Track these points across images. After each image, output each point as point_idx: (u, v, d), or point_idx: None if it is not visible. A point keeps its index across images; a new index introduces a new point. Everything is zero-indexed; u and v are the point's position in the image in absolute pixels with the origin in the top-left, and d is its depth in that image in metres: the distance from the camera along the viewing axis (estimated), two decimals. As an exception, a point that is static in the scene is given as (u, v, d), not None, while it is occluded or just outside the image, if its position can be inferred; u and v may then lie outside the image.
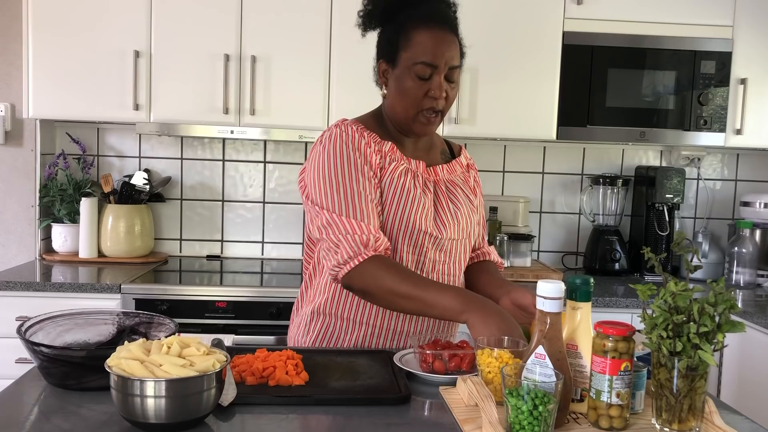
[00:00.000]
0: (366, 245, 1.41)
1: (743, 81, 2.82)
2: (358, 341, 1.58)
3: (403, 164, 1.55)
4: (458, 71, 1.54)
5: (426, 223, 1.53)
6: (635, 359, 1.12)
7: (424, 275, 1.55)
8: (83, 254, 2.88)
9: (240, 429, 1.10)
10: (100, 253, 2.92)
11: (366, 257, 1.41)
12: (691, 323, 1.04)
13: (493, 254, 1.78)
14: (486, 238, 1.79)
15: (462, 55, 1.57)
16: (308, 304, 1.64)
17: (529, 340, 1.33)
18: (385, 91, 1.57)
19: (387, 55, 1.54)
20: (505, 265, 2.88)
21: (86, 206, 2.86)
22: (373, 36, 1.59)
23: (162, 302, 2.46)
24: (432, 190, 1.58)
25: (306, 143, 3.11)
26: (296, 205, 3.14)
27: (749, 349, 2.40)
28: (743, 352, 2.42)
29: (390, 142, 1.56)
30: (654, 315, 1.08)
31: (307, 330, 1.62)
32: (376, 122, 1.61)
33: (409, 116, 1.53)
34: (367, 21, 1.57)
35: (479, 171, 3.26)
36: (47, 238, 3.01)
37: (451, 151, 1.73)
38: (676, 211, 3.04)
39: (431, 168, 1.61)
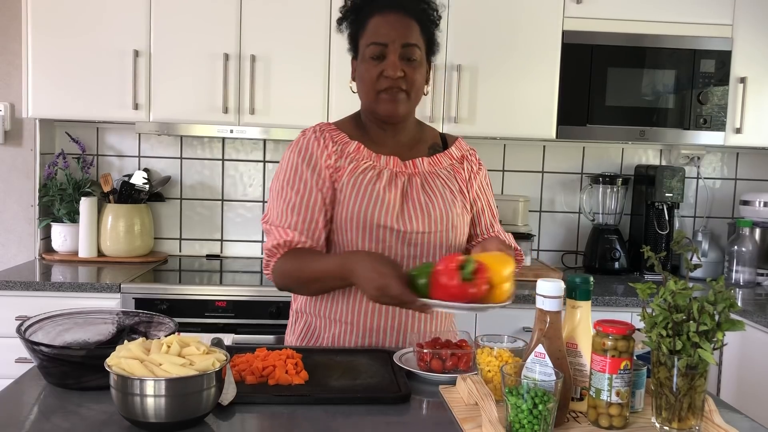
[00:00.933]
0: (278, 247, 1.51)
1: (743, 80, 2.82)
2: (337, 339, 1.58)
3: (365, 162, 1.56)
4: (417, 51, 1.53)
5: (387, 218, 1.52)
6: (635, 358, 1.12)
7: None
8: (83, 254, 2.88)
9: (240, 428, 1.10)
10: (100, 253, 2.92)
11: (277, 258, 1.51)
12: (691, 322, 1.04)
13: (506, 238, 1.69)
14: (491, 223, 1.71)
15: (431, 41, 1.58)
16: (294, 303, 1.69)
17: (415, 281, 1.31)
18: (353, 84, 1.62)
19: (353, 48, 1.60)
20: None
21: (86, 206, 2.86)
22: None
23: (162, 301, 2.45)
24: (401, 185, 1.57)
25: (305, 142, 3.11)
26: (296, 204, 3.14)
27: (749, 347, 2.40)
28: (743, 350, 2.43)
29: (356, 142, 1.58)
30: (654, 314, 1.08)
31: (293, 330, 1.67)
32: (353, 122, 1.64)
33: (371, 99, 1.55)
34: (341, 21, 1.61)
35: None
36: (47, 237, 3.00)
37: (445, 144, 1.71)
38: (675, 210, 3.04)
39: (410, 162, 1.60)
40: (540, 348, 1.06)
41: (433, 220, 1.57)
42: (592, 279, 1.15)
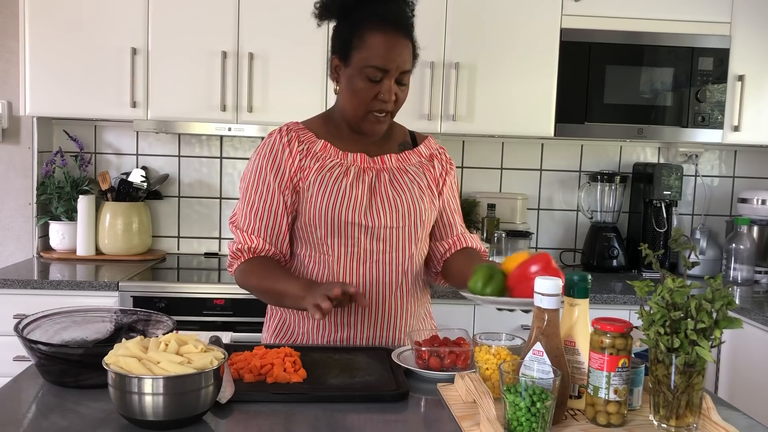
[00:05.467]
0: (241, 251, 1.57)
1: (741, 77, 2.82)
2: (310, 334, 1.60)
3: (332, 160, 1.58)
4: (409, 75, 1.56)
5: (354, 214, 1.54)
6: (633, 356, 1.12)
7: (360, 266, 1.57)
8: (81, 252, 2.88)
9: (238, 426, 1.10)
10: (98, 251, 2.92)
11: (241, 261, 1.57)
12: (689, 319, 1.04)
13: (473, 241, 1.74)
14: (461, 226, 1.75)
15: (415, 57, 1.58)
16: None
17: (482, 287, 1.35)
18: (336, 87, 1.60)
19: (340, 51, 1.56)
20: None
21: (84, 204, 2.86)
22: None
23: (160, 300, 2.45)
24: (369, 181, 1.58)
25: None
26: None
27: (746, 345, 2.40)
28: (740, 348, 2.43)
29: (323, 141, 1.59)
30: (652, 311, 1.08)
31: (267, 326, 1.70)
32: (323, 119, 1.66)
33: (359, 116, 1.56)
34: (323, 13, 1.59)
35: (476, 168, 3.25)
36: (45, 235, 3.00)
37: (414, 141, 1.71)
38: (673, 208, 3.03)
39: (378, 157, 1.61)
40: (538, 346, 1.06)
41: (400, 215, 1.58)
42: (590, 277, 1.15)
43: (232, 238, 1.62)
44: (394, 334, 1.60)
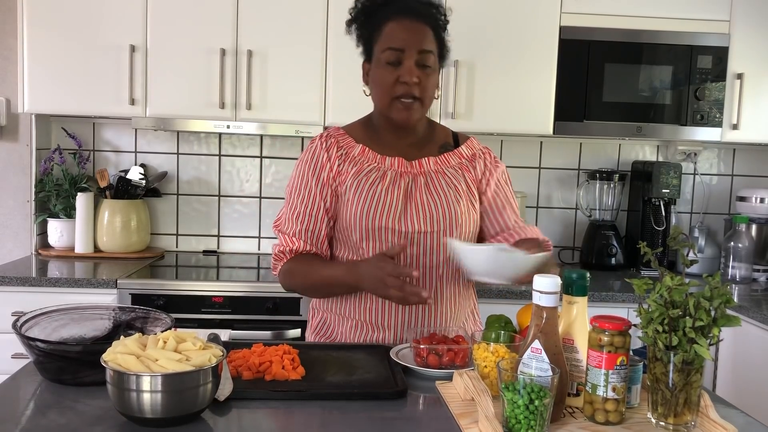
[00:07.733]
0: (284, 252, 1.61)
1: (740, 76, 2.82)
2: (349, 335, 1.61)
3: (369, 165, 1.59)
4: (432, 57, 1.56)
5: (388, 220, 1.54)
6: (631, 353, 1.12)
7: None
8: (79, 249, 2.87)
9: (236, 424, 1.10)
10: (96, 249, 2.91)
11: (283, 263, 1.61)
12: (687, 317, 1.04)
13: (533, 232, 1.65)
14: (515, 220, 1.69)
15: (442, 45, 1.61)
16: (311, 300, 1.75)
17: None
18: (368, 89, 1.62)
19: (366, 53, 1.61)
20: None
21: (82, 201, 2.85)
22: None
23: (158, 297, 2.45)
24: (405, 185, 1.58)
25: (302, 138, 3.10)
26: (293, 200, 3.13)
27: (744, 343, 2.40)
28: (738, 346, 2.43)
29: (361, 146, 1.61)
30: (650, 309, 1.08)
31: (310, 324, 1.72)
32: (363, 125, 1.67)
33: (385, 105, 1.56)
34: (350, 24, 1.62)
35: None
36: (43, 233, 3.00)
37: (456, 143, 1.72)
38: (672, 206, 3.04)
39: (416, 161, 1.61)
40: (536, 343, 1.07)
41: (435, 220, 1.58)
42: (588, 275, 1.15)
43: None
44: (421, 336, 1.59)
